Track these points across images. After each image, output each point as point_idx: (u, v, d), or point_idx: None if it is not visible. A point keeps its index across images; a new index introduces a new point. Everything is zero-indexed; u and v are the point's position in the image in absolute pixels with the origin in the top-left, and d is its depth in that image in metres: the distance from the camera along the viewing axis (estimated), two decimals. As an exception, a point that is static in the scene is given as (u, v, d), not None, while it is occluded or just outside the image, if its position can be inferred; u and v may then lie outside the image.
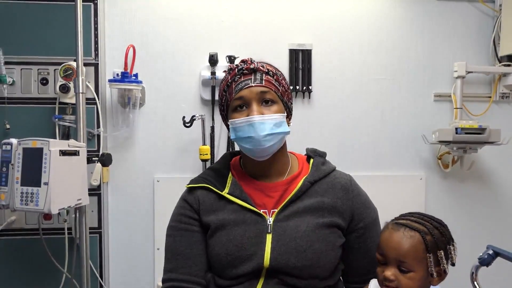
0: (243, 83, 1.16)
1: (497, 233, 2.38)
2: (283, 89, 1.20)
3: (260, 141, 1.14)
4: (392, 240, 1.07)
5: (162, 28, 2.15)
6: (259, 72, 1.17)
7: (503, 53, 2.28)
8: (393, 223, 1.11)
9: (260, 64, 1.19)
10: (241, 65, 1.18)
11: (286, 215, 1.16)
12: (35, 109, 1.99)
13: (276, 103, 1.17)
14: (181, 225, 1.20)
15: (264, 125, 1.13)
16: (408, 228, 1.08)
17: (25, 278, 2.03)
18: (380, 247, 1.09)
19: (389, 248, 1.07)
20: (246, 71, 1.17)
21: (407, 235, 1.07)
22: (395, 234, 1.08)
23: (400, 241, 1.06)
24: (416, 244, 1.06)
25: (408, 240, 1.06)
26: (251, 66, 1.17)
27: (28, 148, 1.47)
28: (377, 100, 2.29)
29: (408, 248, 1.05)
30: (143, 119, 2.16)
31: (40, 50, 1.99)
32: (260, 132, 1.13)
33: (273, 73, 1.19)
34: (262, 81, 1.16)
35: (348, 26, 2.26)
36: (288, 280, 1.12)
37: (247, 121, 1.14)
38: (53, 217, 2.00)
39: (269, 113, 1.15)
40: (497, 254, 1.48)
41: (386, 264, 1.08)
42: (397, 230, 1.08)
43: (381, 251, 1.09)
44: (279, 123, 1.16)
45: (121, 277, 2.19)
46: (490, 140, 2.16)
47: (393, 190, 2.28)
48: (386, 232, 1.10)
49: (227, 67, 1.23)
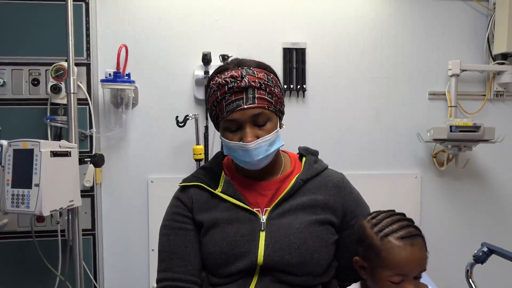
0: (234, 104, 1.09)
1: (492, 230, 2.39)
2: (276, 98, 1.15)
3: (255, 164, 1.14)
4: (414, 257, 1.01)
5: (155, 28, 2.14)
6: (250, 88, 1.10)
7: (497, 51, 2.28)
8: (398, 239, 1.02)
9: (250, 78, 1.10)
10: (232, 83, 1.09)
11: (279, 213, 1.16)
12: (26, 110, 1.97)
13: (270, 120, 1.14)
14: (175, 224, 1.19)
15: (259, 149, 1.12)
16: (416, 237, 1.04)
17: (18, 281, 2.01)
18: (400, 269, 1.01)
19: (414, 266, 1.01)
20: (237, 89, 1.09)
21: (420, 244, 1.03)
22: (413, 250, 1.01)
23: (419, 255, 1.02)
24: (425, 248, 1.05)
25: (423, 249, 1.04)
26: (241, 84, 1.09)
27: (18, 149, 1.45)
28: (371, 98, 2.29)
29: (426, 255, 1.04)
30: (136, 119, 2.15)
31: (31, 50, 1.97)
32: (255, 157, 1.12)
33: (265, 84, 1.12)
34: (254, 99, 1.09)
35: (343, 24, 2.26)
36: (282, 277, 1.11)
37: (241, 147, 1.12)
38: (46, 220, 1.98)
39: (263, 134, 1.12)
40: (492, 252, 1.48)
41: (403, 281, 1.02)
42: (409, 245, 1.01)
43: (402, 272, 1.01)
44: (273, 141, 1.15)
45: (115, 279, 2.18)
46: (484, 138, 2.16)
47: (389, 188, 2.29)
48: (402, 251, 1.00)
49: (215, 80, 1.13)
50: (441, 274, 2.08)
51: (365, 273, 1.09)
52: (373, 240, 1.05)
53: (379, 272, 1.03)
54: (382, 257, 1.02)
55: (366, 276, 1.09)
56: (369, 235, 1.07)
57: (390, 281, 1.02)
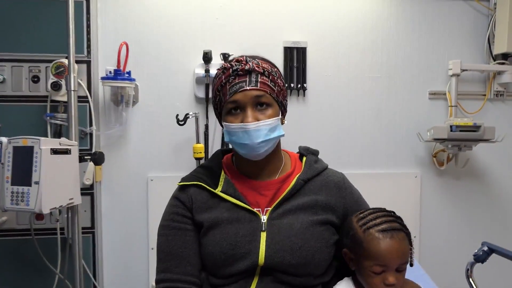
0: (237, 86, 1.12)
1: (492, 230, 2.40)
2: (279, 88, 1.17)
3: (254, 148, 1.13)
4: (393, 248, 1.06)
5: (156, 26, 2.14)
6: (254, 73, 1.13)
7: (498, 51, 2.28)
8: (379, 231, 1.08)
9: (255, 64, 1.14)
10: (236, 66, 1.13)
11: (280, 213, 1.15)
12: (26, 107, 1.97)
13: (272, 106, 1.15)
14: (174, 224, 1.18)
15: (259, 132, 1.11)
16: (396, 231, 1.08)
17: (17, 279, 2.00)
18: (380, 258, 1.06)
19: (392, 256, 1.06)
20: (241, 72, 1.13)
21: (401, 238, 1.08)
22: (391, 242, 1.06)
23: (399, 247, 1.07)
24: (407, 243, 1.10)
25: (404, 243, 1.08)
26: (245, 67, 1.12)
27: (18, 146, 1.45)
28: (372, 98, 2.29)
29: (406, 249, 1.08)
30: (137, 117, 2.14)
31: (31, 47, 1.96)
32: (254, 140, 1.11)
33: (269, 72, 1.15)
34: (257, 83, 1.13)
35: (343, 24, 2.25)
36: (282, 278, 1.11)
37: (242, 128, 1.12)
38: (45, 217, 1.98)
39: (264, 118, 1.12)
40: (492, 251, 1.48)
41: (384, 272, 1.07)
42: (389, 237, 1.07)
43: (381, 262, 1.06)
44: (273, 128, 1.14)
45: (114, 277, 2.17)
46: (484, 138, 2.17)
47: (389, 187, 2.29)
48: (381, 242, 1.07)
49: (221, 65, 1.19)
50: (441, 273, 2.09)
51: (353, 264, 1.14)
52: (357, 232, 1.11)
53: (362, 263, 1.09)
54: (364, 248, 1.08)
55: (354, 268, 1.14)
56: (354, 228, 1.13)
57: (372, 272, 1.07)
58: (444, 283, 1.71)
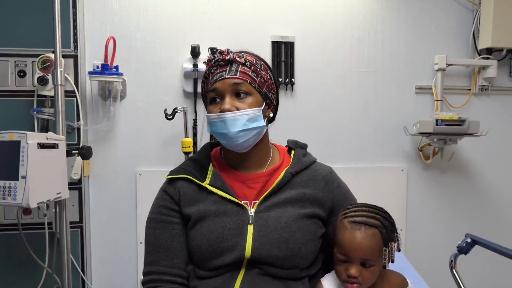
0: (217, 75, 1.16)
1: (475, 222, 2.44)
2: (262, 80, 1.18)
3: (232, 138, 1.14)
4: (355, 240, 1.06)
5: (143, 20, 2.13)
6: (235, 63, 1.16)
7: (482, 46, 2.31)
8: (350, 222, 1.09)
9: (237, 55, 1.17)
10: (218, 57, 1.17)
11: (267, 206, 1.16)
12: (12, 102, 1.95)
13: (252, 95, 1.16)
14: (161, 217, 1.19)
15: (237, 122, 1.12)
16: (368, 226, 1.08)
17: (5, 274, 1.99)
18: (342, 247, 1.08)
19: (353, 248, 1.06)
20: (222, 62, 1.16)
21: (369, 234, 1.07)
22: (357, 234, 1.07)
23: (363, 241, 1.06)
24: (377, 241, 1.07)
25: (371, 239, 1.07)
26: (226, 57, 1.16)
27: (4, 141, 1.44)
28: (359, 92, 2.31)
29: (372, 246, 1.07)
30: (124, 112, 2.14)
31: (17, 42, 1.94)
32: (231, 129, 1.13)
33: (251, 63, 1.17)
34: (236, 72, 1.15)
35: (331, 19, 2.27)
36: (269, 270, 1.12)
37: (219, 118, 1.14)
38: (33, 212, 1.97)
39: (243, 107, 1.14)
40: (475, 242, 1.51)
41: (348, 262, 1.08)
42: (357, 230, 1.07)
43: (343, 251, 1.08)
44: (253, 118, 1.14)
45: (103, 271, 2.17)
46: (469, 132, 2.20)
47: (375, 181, 2.31)
48: (347, 232, 1.08)
49: (207, 58, 1.22)
50: (425, 264, 2.12)
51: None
52: (336, 220, 1.16)
53: (334, 248, 1.13)
54: (335, 235, 1.13)
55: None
56: (337, 217, 1.17)
57: (338, 259, 1.11)
58: (429, 275, 1.75)
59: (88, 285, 2.08)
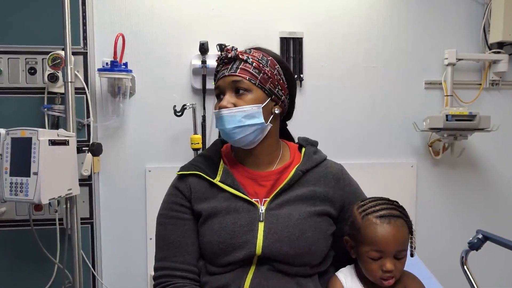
0: (220, 73, 1.19)
1: (487, 218, 2.42)
2: (265, 76, 1.17)
3: (229, 134, 1.16)
4: (389, 233, 1.06)
5: (152, 17, 2.13)
6: (238, 60, 1.17)
7: (493, 40, 2.29)
8: (377, 217, 1.09)
9: (241, 52, 1.19)
10: (223, 55, 1.19)
11: (278, 204, 1.16)
12: (23, 99, 1.96)
13: (251, 92, 1.16)
14: (172, 213, 1.20)
15: (232, 118, 1.14)
16: (394, 217, 1.09)
17: (16, 269, 2.01)
18: (376, 243, 1.07)
19: (388, 242, 1.06)
20: (226, 60, 1.19)
21: (399, 224, 1.08)
22: (389, 228, 1.07)
23: (397, 233, 1.07)
24: (406, 230, 1.10)
25: (402, 229, 1.08)
26: (229, 55, 1.17)
27: (16, 138, 1.45)
28: (368, 88, 2.30)
29: (404, 236, 1.08)
30: (134, 108, 2.15)
31: (27, 39, 1.95)
32: (227, 126, 1.15)
33: (254, 60, 1.17)
34: (237, 69, 1.16)
35: (339, 14, 2.25)
36: (279, 267, 1.12)
37: (218, 114, 1.17)
38: (44, 208, 1.98)
39: (242, 104, 1.15)
40: (487, 239, 1.50)
41: (381, 258, 1.07)
42: (387, 223, 1.07)
43: (378, 247, 1.07)
44: (250, 115, 1.14)
45: (113, 267, 2.19)
46: (480, 127, 2.18)
47: (385, 177, 2.30)
48: (378, 227, 1.07)
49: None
50: (436, 261, 2.10)
51: (354, 252, 1.15)
52: (356, 219, 1.13)
53: (361, 249, 1.10)
54: (362, 233, 1.10)
55: (355, 256, 1.15)
56: (354, 215, 1.14)
57: (370, 257, 1.08)
58: (439, 271, 1.73)
59: (98, 280, 2.10)
